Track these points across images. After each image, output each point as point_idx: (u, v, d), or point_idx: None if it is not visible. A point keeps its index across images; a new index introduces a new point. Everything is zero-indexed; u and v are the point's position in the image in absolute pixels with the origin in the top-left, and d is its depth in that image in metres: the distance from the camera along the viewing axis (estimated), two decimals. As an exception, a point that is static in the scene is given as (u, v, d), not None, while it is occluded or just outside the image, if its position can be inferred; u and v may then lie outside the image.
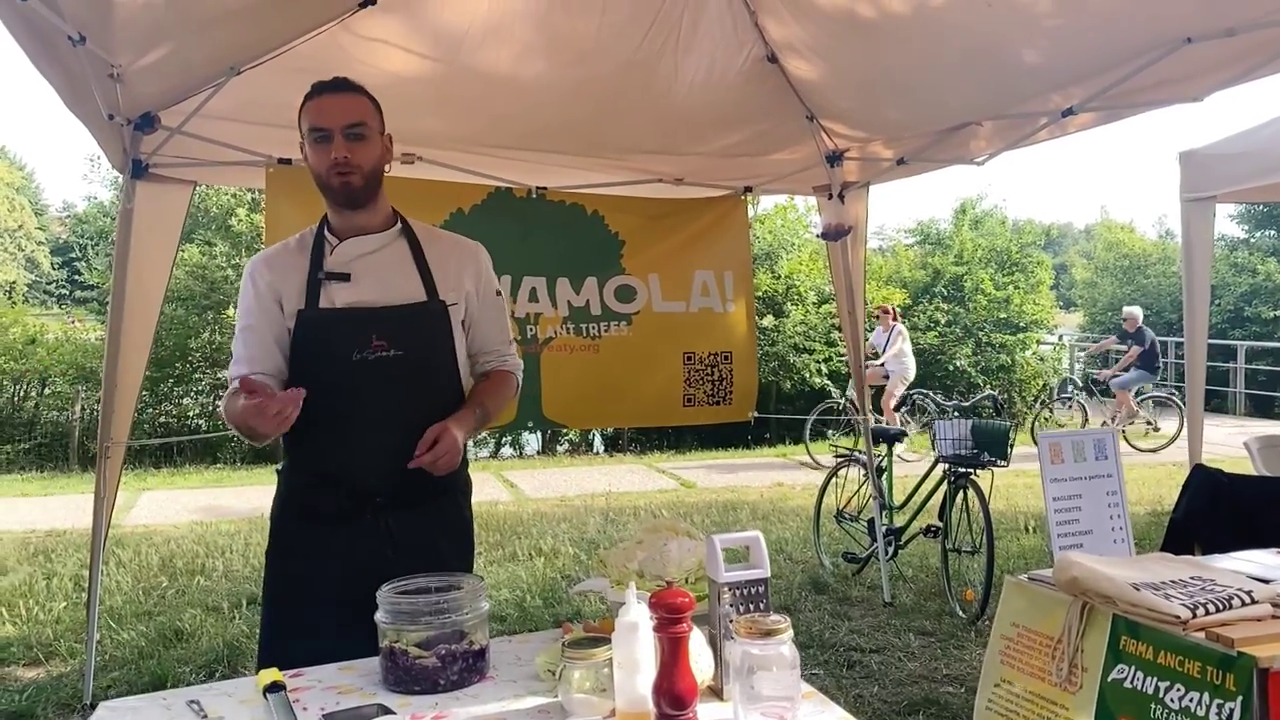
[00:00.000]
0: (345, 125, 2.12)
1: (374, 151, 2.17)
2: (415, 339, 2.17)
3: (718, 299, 4.99)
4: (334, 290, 2.16)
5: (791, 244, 15.14)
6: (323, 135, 2.12)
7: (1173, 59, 3.15)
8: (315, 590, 2.12)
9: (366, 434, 2.12)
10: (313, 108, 2.15)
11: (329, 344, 2.14)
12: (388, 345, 2.13)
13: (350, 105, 2.15)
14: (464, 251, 2.34)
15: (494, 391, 2.32)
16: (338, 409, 2.12)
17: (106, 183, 26.15)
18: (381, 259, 2.21)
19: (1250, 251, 20.55)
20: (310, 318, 2.14)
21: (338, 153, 2.11)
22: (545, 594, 5.54)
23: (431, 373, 2.21)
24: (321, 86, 2.17)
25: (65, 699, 4.07)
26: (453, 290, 2.25)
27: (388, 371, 2.13)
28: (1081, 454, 2.18)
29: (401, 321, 2.16)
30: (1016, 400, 15.03)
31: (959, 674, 4.25)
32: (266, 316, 2.17)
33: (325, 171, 2.14)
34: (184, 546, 6.73)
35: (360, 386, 2.12)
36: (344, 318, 2.15)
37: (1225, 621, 1.60)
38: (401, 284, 2.20)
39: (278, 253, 2.26)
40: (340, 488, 2.12)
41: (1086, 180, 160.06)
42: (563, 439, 13.78)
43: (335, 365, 2.12)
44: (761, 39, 3.83)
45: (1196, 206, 5.03)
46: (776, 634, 1.44)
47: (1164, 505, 7.27)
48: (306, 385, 2.06)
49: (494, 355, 2.37)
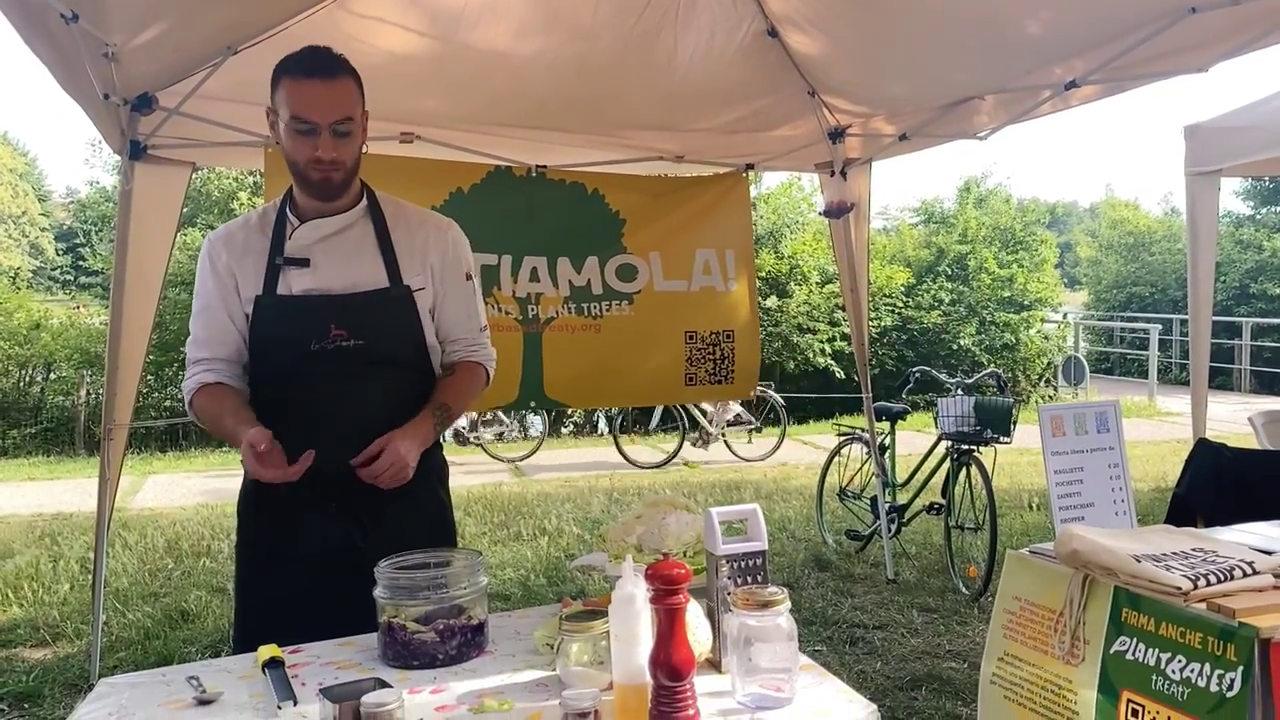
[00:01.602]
0: (334, 121, 1.99)
1: (357, 144, 2.06)
2: (376, 328, 2.07)
3: (719, 277, 4.97)
4: (292, 276, 2.06)
5: (796, 223, 15.08)
6: (308, 129, 1.98)
7: (1177, 29, 3.12)
8: (286, 579, 2.06)
9: (328, 424, 2.03)
10: (298, 94, 1.98)
11: (286, 332, 2.05)
12: (347, 335, 2.04)
13: (340, 98, 2.00)
14: (431, 229, 2.21)
15: (457, 388, 2.19)
16: (297, 399, 2.06)
17: (109, 168, 26.17)
18: (343, 242, 2.10)
19: (1256, 228, 20.44)
20: (267, 305, 2.06)
21: (324, 152, 1.99)
22: (549, 573, 5.55)
23: (395, 361, 2.11)
24: (308, 67, 1.99)
25: (72, 679, 4.10)
26: (418, 274, 2.14)
27: (347, 362, 2.04)
28: (1083, 427, 2.17)
29: (362, 310, 2.06)
30: (1020, 379, 15.00)
31: (961, 650, 4.26)
32: (224, 299, 2.09)
33: (305, 164, 2.02)
34: (189, 528, 6.75)
35: (319, 377, 2.04)
36: (301, 306, 2.05)
37: (1226, 592, 1.60)
38: (363, 269, 2.09)
39: (237, 231, 2.15)
40: (303, 477, 2.00)
41: (1091, 158, 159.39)
42: (567, 420, 13.78)
43: (293, 354, 2.04)
44: (761, 13, 3.79)
45: (1201, 181, 4.99)
46: (774, 606, 1.44)
47: (1167, 480, 7.25)
48: (264, 371, 2.09)
49: (461, 344, 2.23)
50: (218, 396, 2.08)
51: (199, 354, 2.11)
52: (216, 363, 2.10)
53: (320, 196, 2.07)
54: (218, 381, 2.09)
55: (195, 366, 2.11)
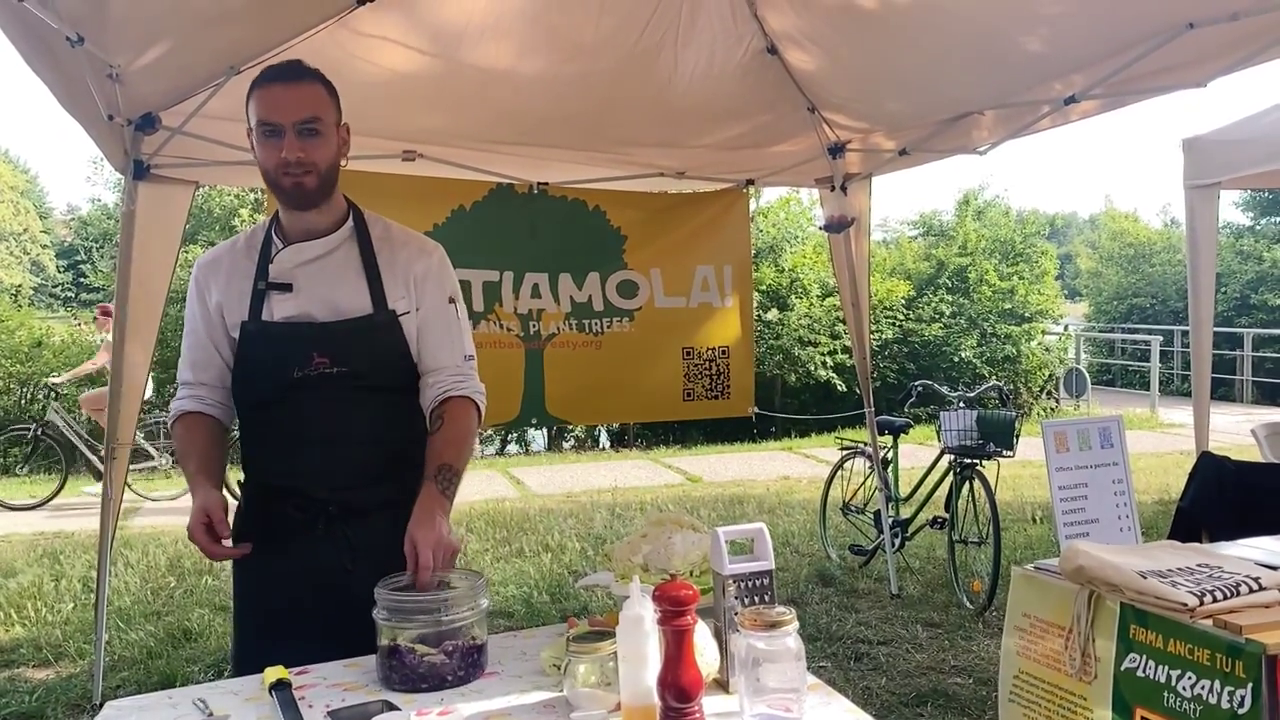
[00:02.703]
0: (298, 121, 1.93)
1: (329, 148, 1.99)
2: (360, 356, 2.02)
3: (717, 294, 5.00)
4: (275, 301, 2.02)
5: (796, 237, 15.10)
6: (272, 130, 1.93)
7: (1175, 44, 3.14)
8: (278, 601, 2.03)
9: (312, 449, 2.00)
10: (262, 98, 1.95)
11: (270, 359, 2.02)
12: (330, 363, 1.99)
13: (304, 97, 1.95)
14: (415, 252, 2.13)
15: (455, 442, 2.03)
16: (281, 424, 2.03)
17: (110, 185, 26.21)
18: (326, 266, 2.04)
19: (1256, 239, 20.47)
20: (251, 331, 2.02)
21: (289, 152, 1.93)
22: (552, 590, 5.54)
23: (379, 388, 2.06)
24: (272, 74, 1.96)
25: (75, 699, 4.08)
26: (403, 297, 2.07)
27: (331, 388, 2.00)
28: (1087, 442, 2.17)
29: (345, 337, 2.01)
30: (1022, 391, 14.99)
31: (966, 665, 4.24)
32: (209, 324, 2.08)
33: (274, 170, 1.96)
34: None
35: (302, 403, 2.00)
36: (284, 333, 2.01)
37: (1233, 609, 1.59)
38: (346, 294, 2.03)
39: (223, 255, 2.12)
40: (290, 500, 2.02)
41: (1091, 169, 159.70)
42: (569, 435, 13.77)
43: (276, 381, 2.01)
44: (761, 30, 3.81)
45: (1200, 193, 5.00)
46: (781, 626, 1.44)
47: (1171, 493, 7.24)
48: (249, 397, 2.08)
49: (444, 375, 2.09)
50: (192, 430, 2.08)
51: (185, 376, 2.12)
52: (200, 388, 2.10)
53: (295, 205, 2.02)
54: (198, 411, 2.09)
55: (182, 390, 2.12)
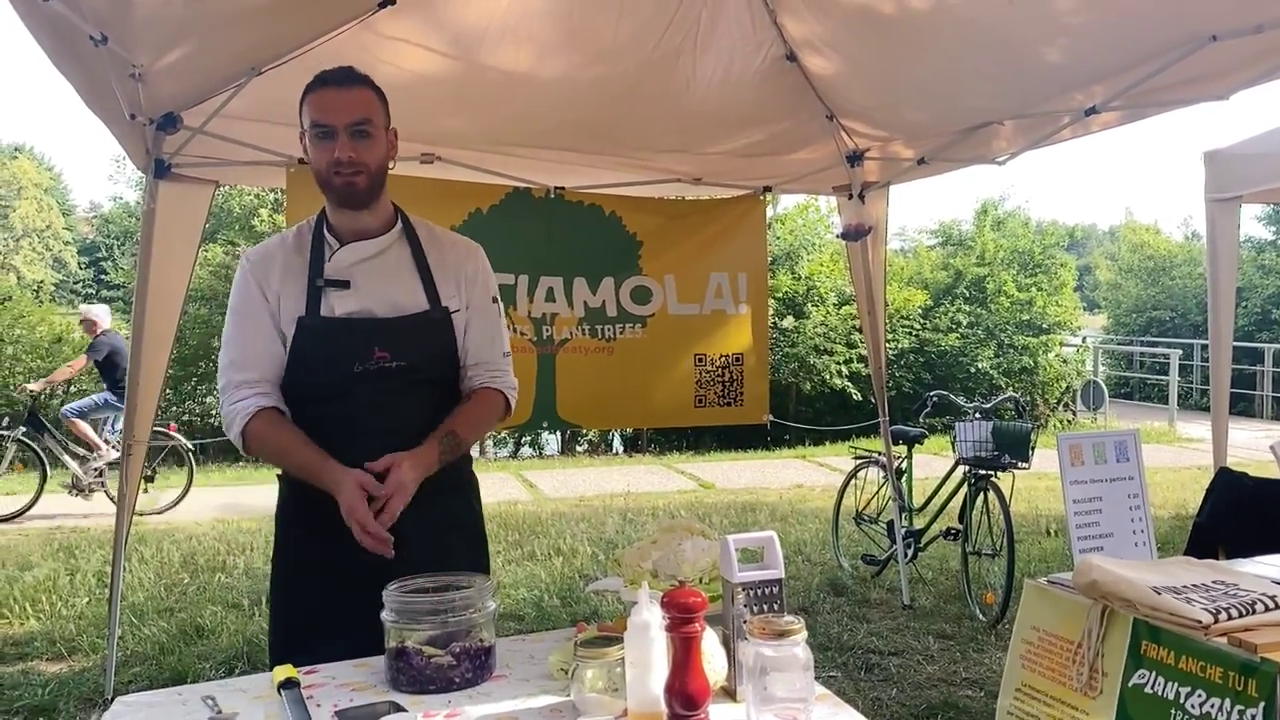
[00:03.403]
0: (350, 123, 2.03)
1: (379, 150, 2.08)
2: (417, 350, 2.11)
3: (730, 300, 4.99)
4: (334, 298, 2.09)
5: (813, 244, 15.08)
6: (325, 132, 2.03)
7: (1198, 56, 3.11)
8: (322, 591, 2.07)
9: (368, 439, 2.04)
10: (315, 101, 2.05)
11: (329, 353, 2.08)
12: (390, 357, 2.08)
13: (356, 101, 2.04)
14: (462, 252, 2.25)
15: (471, 418, 2.18)
16: (339, 415, 2.08)
17: (132, 183, 26.45)
18: (382, 264, 2.14)
19: (1277, 253, 20.30)
20: (311, 326, 2.08)
21: (341, 152, 2.02)
22: (563, 593, 5.54)
23: (434, 381, 2.16)
24: (325, 78, 2.06)
25: (87, 693, 4.11)
26: (454, 295, 2.19)
27: (389, 381, 2.09)
28: (1102, 455, 2.15)
29: (404, 333, 2.10)
30: (1039, 402, 14.91)
31: (978, 677, 4.21)
32: (266, 319, 2.10)
33: (326, 170, 2.05)
34: (205, 544, 6.78)
35: (361, 395, 2.07)
36: (345, 328, 2.08)
37: (1248, 627, 1.58)
38: (403, 292, 2.14)
39: (274, 252, 2.16)
40: None
41: (1111, 181, 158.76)
42: (582, 439, 13.79)
43: (336, 374, 2.07)
44: (780, 37, 3.81)
45: (1222, 207, 4.96)
46: (790, 635, 1.43)
47: (1188, 509, 7.18)
48: (306, 391, 2.09)
49: (483, 369, 2.22)
50: (281, 426, 2.08)
51: (243, 376, 2.09)
52: (264, 384, 2.09)
53: (346, 204, 2.10)
54: (272, 406, 2.09)
55: (243, 389, 2.08)
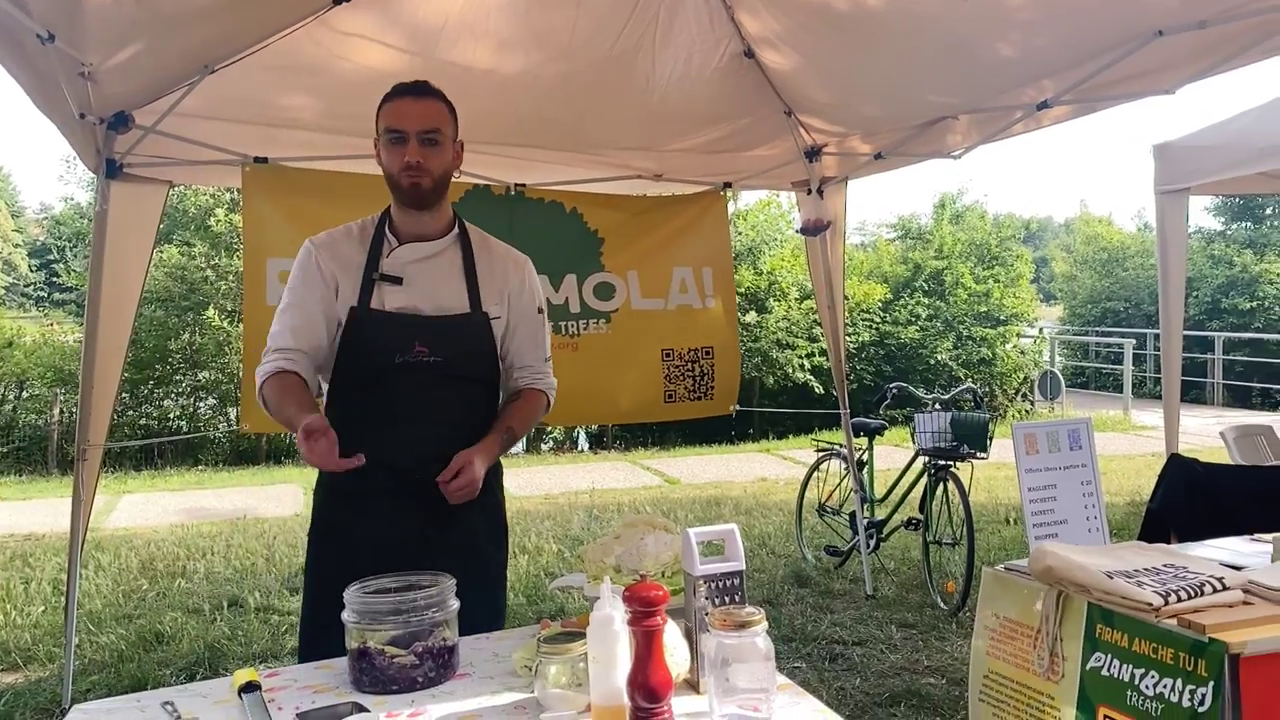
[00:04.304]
0: (421, 130, 2.19)
1: (445, 157, 2.25)
2: (455, 348, 2.26)
3: (696, 295, 4.99)
4: (385, 291, 2.25)
5: (774, 240, 15.15)
6: (398, 137, 2.19)
7: (1145, 52, 3.18)
8: (357, 568, 2.03)
9: (404, 425, 2.23)
10: (392, 109, 2.22)
11: (375, 344, 2.23)
12: (429, 352, 2.22)
13: (428, 111, 2.21)
14: (510, 264, 2.42)
15: (522, 414, 2.40)
16: (379, 402, 2.23)
17: (83, 184, 25.89)
18: (434, 266, 2.30)
19: (1227, 243, 20.71)
20: (361, 316, 2.23)
21: (411, 156, 2.18)
22: (529, 591, 5.53)
23: (468, 378, 2.30)
24: (403, 89, 2.23)
25: (43, 704, 4.04)
26: (496, 303, 2.34)
27: (427, 374, 2.23)
28: (1056, 444, 2.20)
29: (444, 331, 2.25)
30: (997, 393, 15.11)
31: (940, 665, 4.27)
32: (321, 297, 2.25)
33: (397, 172, 2.21)
34: (164, 549, 6.68)
35: (400, 385, 2.23)
36: (392, 321, 2.24)
37: (1197, 608, 1.62)
38: (449, 294, 2.29)
39: (340, 240, 2.32)
40: (380, 469, 2.16)
41: (1066, 174, 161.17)
42: (547, 437, 13.75)
43: (378, 364, 2.22)
44: (738, 34, 3.83)
45: (1171, 198, 5.07)
46: (751, 626, 1.45)
47: (1142, 495, 7.32)
48: (351, 378, 2.27)
49: (527, 371, 2.42)
50: (287, 384, 2.21)
51: (281, 344, 2.24)
52: (295, 354, 2.23)
53: (410, 204, 2.25)
54: (292, 370, 2.23)
55: (274, 355, 2.24)
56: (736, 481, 9.47)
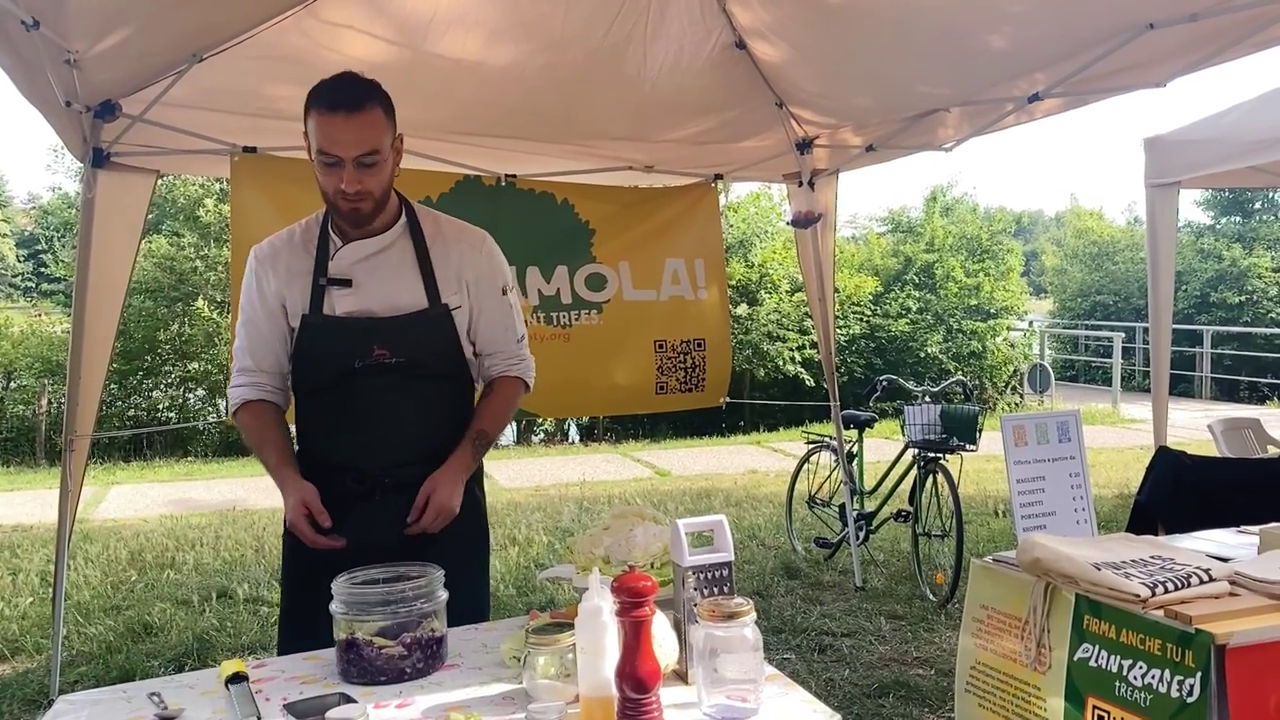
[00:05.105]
0: (357, 155, 2.02)
1: (385, 173, 2.10)
2: (416, 347, 2.16)
3: (688, 287, 4.99)
4: (336, 296, 2.16)
5: (765, 232, 15.16)
6: (333, 162, 2.03)
7: (1136, 44, 3.18)
8: (330, 568, 2.01)
9: (370, 429, 2.15)
10: (324, 130, 2.02)
11: (332, 350, 2.15)
12: (389, 354, 2.14)
13: (364, 132, 2.02)
14: (467, 246, 2.28)
15: (494, 412, 2.28)
16: (341, 407, 2.16)
17: (71, 173, 25.71)
18: (383, 262, 2.18)
19: (1216, 237, 20.80)
20: (313, 324, 2.15)
21: (349, 185, 2.03)
22: (519, 583, 5.53)
23: (433, 376, 2.21)
24: (334, 100, 2.02)
25: (31, 695, 4.02)
26: (455, 292, 2.22)
27: (389, 376, 2.15)
28: (1045, 436, 2.20)
29: (402, 331, 2.15)
30: (987, 386, 15.16)
31: (929, 656, 4.29)
32: (269, 314, 2.18)
33: (332, 195, 2.08)
34: (153, 540, 6.66)
35: (362, 389, 2.14)
36: (345, 327, 2.15)
37: (1184, 600, 1.63)
38: (403, 290, 2.17)
39: (282, 248, 2.22)
40: (347, 474, 2.14)
41: (1057, 168, 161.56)
42: (538, 429, 13.75)
43: (337, 369, 2.14)
44: (729, 25, 3.82)
45: (1161, 192, 5.09)
46: (739, 616, 1.45)
47: (1130, 487, 7.35)
48: (310, 384, 2.20)
49: (499, 358, 2.30)
50: (264, 422, 2.19)
51: (244, 362, 2.22)
52: (260, 375, 2.21)
53: (350, 225, 2.14)
54: (260, 399, 2.20)
55: (240, 376, 2.22)
56: (727, 473, 9.48)
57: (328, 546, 2.02)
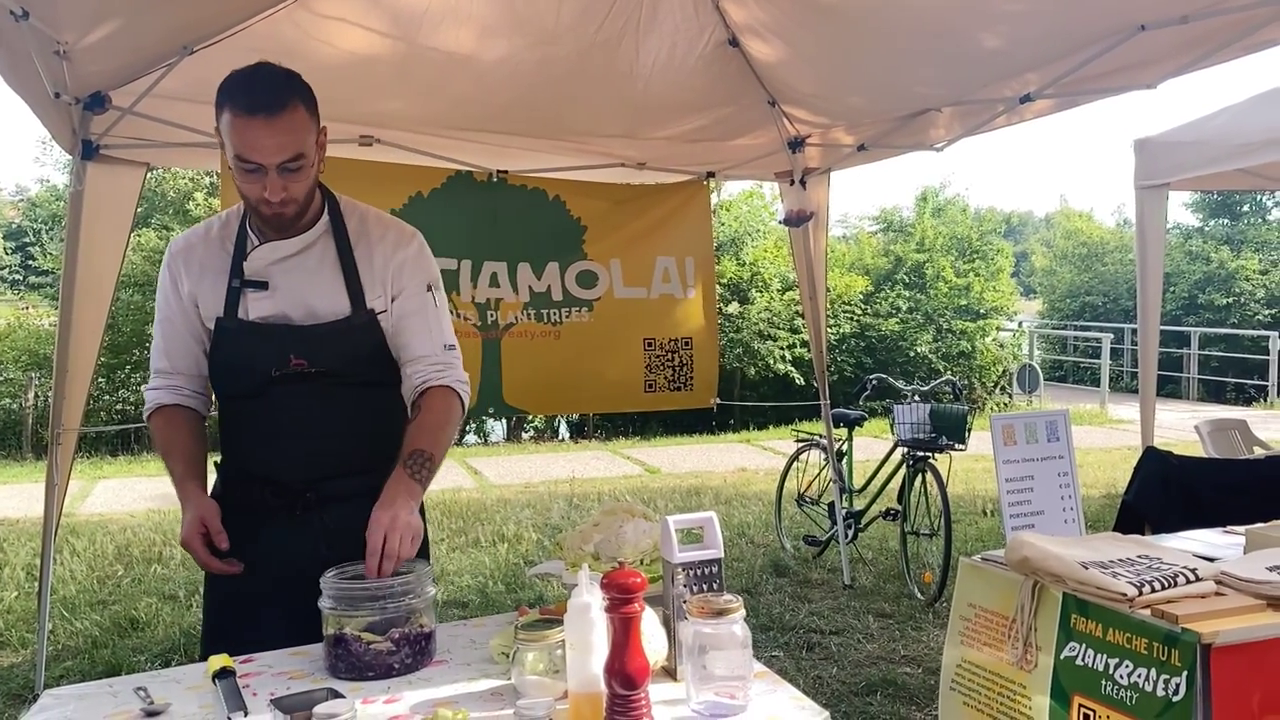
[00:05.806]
0: (280, 162, 1.85)
1: (310, 174, 1.93)
2: (338, 357, 2.00)
3: (679, 285, 4.99)
4: (251, 299, 1.99)
5: (758, 231, 15.17)
6: (254, 169, 1.85)
7: (1127, 46, 3.19)
8: (253, 585, 1.99)
9: (290, 441, 2.00)
10: (241, 132, 1.83)
11: (246, 357, 2.00)
12: (308, 364, 1.98)
13: (287, 136, 1.84)
14: (391, 244, 2.08)
15: (430, 430, 2.00)
16: (260, 416, 2.02)
17: (59, 165, 25.56)
18: (303, 264, 2.00)
19: (1205, 240, 20.89)
20: (228, 328, 2.00)
21: (272, 193, 1.87)
22: (508, 580, 5.53)
23: (357, 385, 2.04)
24: (252, 103, 1.82)
25: (16, 689, 4.01)
26: (380, 296, 2.04)
27: (309, 385, 1.99)
28: (1034, 435, 2.21)
29: (322, 340, 1.99)
30: (976, 386, 15.20)
31: (917, 655, 4.30)
32: (184, 314, 2.05)
33: (254, 200, 1.91)
34: (140, 534, 6.63)
35: (280, 398, 1.99)
36: (259, 332, 1.99)
37: (1170, 599, 1.63)
38: (322, 295, 2.00)
39: (197, 244, 2.06)
40: (267, 486, 2.00)
41: (1047, 169, 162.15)
42: (528, 426, 13.73)
43: (253, 377, 1.99)
44: (723, 22, 3.82)
45: (1150, 194, 5.11)
46: (728, 613, 1.45)
47: (1118, 487, 7.38)
48: (227, 390, 2.07)
49: (424, 364, 2.05)
50: (172, 425, 2.07)
51: (160, 364, 2.09)
52: (176, 377, 2.08)
53: (274, 231, 1.99)
54: (174, 404, 2.08)
55: (157, 378, 2.09)
56: (716, 471, 9.48)
57: (221, 571, 1.91)
